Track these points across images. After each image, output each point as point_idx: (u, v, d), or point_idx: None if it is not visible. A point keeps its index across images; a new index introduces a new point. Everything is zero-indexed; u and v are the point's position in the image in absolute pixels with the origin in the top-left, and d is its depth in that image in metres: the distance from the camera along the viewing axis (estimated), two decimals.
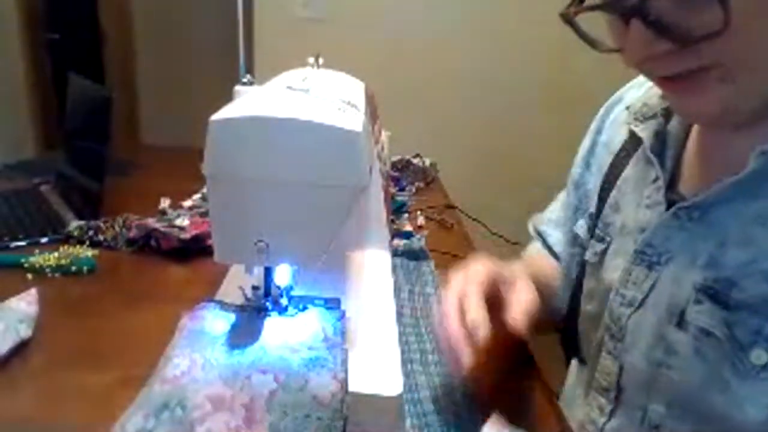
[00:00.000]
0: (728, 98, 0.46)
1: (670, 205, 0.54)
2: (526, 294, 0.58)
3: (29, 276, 0.84)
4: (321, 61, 0.66)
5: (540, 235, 0.83)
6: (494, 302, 0.57)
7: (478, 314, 0.53)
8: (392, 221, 1.11)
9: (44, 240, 0.97)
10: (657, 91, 0.59)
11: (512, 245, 1.95)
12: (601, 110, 0.71)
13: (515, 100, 2.12)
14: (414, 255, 0.99)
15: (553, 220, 0.81)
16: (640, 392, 0.55)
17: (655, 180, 0.56)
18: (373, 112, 0.73)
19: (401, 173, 1.49)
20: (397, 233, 1.06)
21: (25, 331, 0.67)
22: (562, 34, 0.52)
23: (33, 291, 0.74)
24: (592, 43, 0.49)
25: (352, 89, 0.63)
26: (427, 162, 1.55)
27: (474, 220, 1.34)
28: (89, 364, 0.65)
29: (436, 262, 0.97)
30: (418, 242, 1.01)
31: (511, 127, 2.14)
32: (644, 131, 0.58)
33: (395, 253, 0.97)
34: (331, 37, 2.02)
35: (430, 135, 1.93)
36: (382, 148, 0.87)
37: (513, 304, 0.57)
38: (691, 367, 0.50)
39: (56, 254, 0.88)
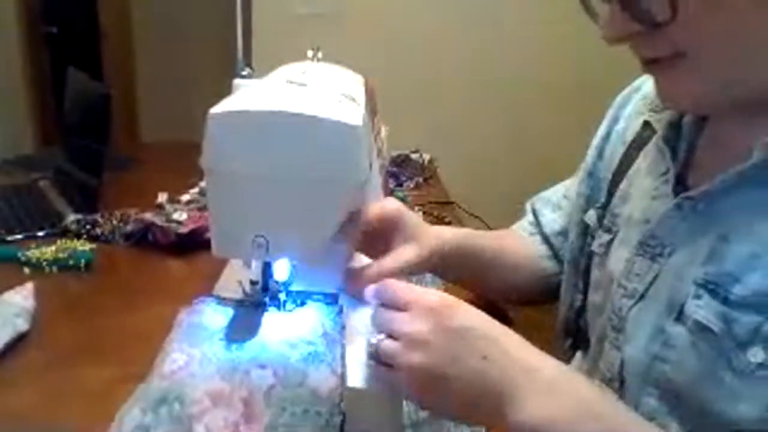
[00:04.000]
0: (701, 87, 0.47)
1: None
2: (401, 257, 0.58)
3: (26, 270, 0.84)
4: (320, 54, 0.65)
5: (534, 213, 0.82)
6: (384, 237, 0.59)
7: None
8: None
9: (41, 234, 0.97)
10: None
11: None
12: (618, 99, 0.71)
13: (515, 97, 2.12)
14: None
15: (552, 202, 0.81)
16: (635, 384, 0.55)
17: (666, 172, 0.56)
18: (372, 107, 0.73)
19: (400, 169, 1.48)
20: None
21: (21, 325, 0.67)
22: (563, 31, 0.52)
23: (29, 285, 0.73)
24: (592, 13, 0.50)
25: (352, 83, 0.63)
26: (426, 158, 1.55)
27: (472, 216, 1.34)
28: (86, 358, 0.65)
29: None
30: None
31: (511, 124, 2.14)
32: (659, 122, 0.58)
33: None
34: (330, 31, 2.01)
35: (429, 131, 1.93)
36: (382, 143, 0.87)
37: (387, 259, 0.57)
38: (687, 361, 0.49)
39: (53, 248, 0.88)
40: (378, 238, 0.58)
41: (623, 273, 0.57)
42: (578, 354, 0.74)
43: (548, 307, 0.80)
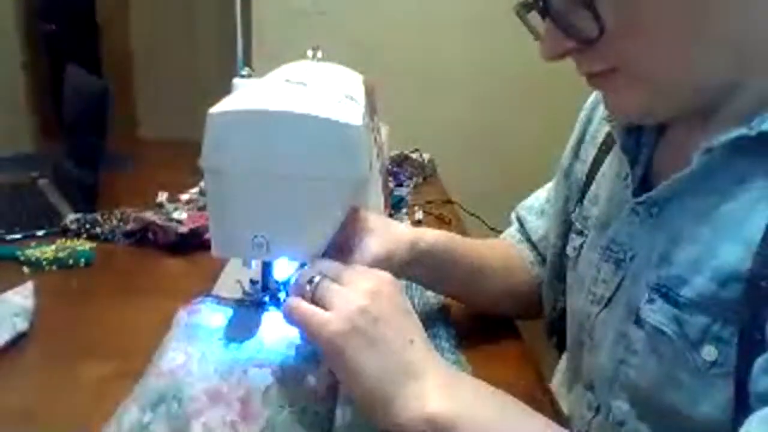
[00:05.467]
0: (641, 99, 0.48)
1: None
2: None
3: (25, 269, 0.84)
4: (320, 53, 0.65)
5: (519, 221, 0.82)
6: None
7: None
8: (390, 216, 1.11)
9: (40, 233, 0.97)
10: None
11: None
12: (591, 99, 0.71)
13: (515, 96, 2.11)
14: None
15: (535, 208, 0.81)
16: (605, 389, 0.55)
17: (626, 177, 0.56)
18: (372, 106, 0.73)
19: (400, 168, 1.48)
20: None
21: (21, 324, 0.67)
22: None
23: (29, 284, 0.73)
24: (533, 30, 0.51)
25: (351, 82, 0.63)
26: (426, 157, 1.55)
27: (472, 215, 1.34)
28: (86, 357, 0.65)
29: None
30: None
31: (511, 123, 2.13)
32: (617, 127, 0.58)
33: None
34: (329, 29, 2.01)
35: (429, 131, 1.93)
36: (382, 143, 0.87)
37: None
38: (648, 365, 0.50)
39: (53, 247, 0.88)
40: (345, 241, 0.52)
41: (591, 279, 0.58)
42: (564, 356, 0.74)
43: None
